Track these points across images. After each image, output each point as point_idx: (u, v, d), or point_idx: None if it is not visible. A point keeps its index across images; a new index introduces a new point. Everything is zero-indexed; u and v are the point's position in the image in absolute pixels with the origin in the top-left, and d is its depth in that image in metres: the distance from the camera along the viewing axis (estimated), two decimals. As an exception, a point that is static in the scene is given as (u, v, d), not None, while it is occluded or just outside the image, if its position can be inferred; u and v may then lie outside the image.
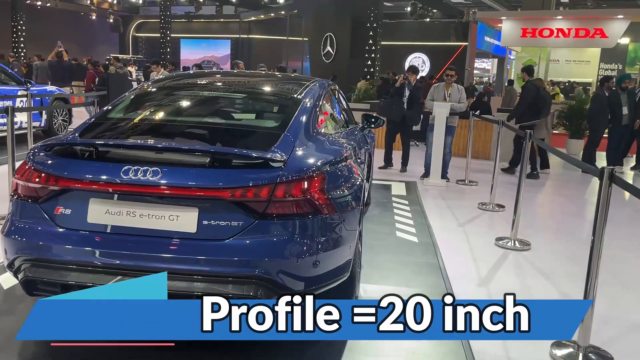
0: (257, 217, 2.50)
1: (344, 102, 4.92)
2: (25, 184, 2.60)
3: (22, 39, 26.50)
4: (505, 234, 5.13)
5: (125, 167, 2.47)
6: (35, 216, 2.58)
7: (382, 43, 21.70)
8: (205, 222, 2.48)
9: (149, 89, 3.61)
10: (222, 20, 33.16)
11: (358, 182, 3.16)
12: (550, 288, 4.03)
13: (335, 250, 2.74)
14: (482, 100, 13.52)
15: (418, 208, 6.00)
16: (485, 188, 7.01)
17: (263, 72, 4.80)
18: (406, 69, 9.40)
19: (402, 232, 5.00)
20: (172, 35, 29.74)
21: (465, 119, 8.95)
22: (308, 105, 3.35)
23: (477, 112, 10.53)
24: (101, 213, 2.52)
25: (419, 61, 28.31)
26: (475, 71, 32.63)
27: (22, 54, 25.48)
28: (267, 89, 3.71)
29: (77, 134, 2.89)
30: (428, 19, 27.48)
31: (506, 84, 12.87)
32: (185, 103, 3.47)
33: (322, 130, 3.42)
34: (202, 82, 3.91)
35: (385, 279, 3.78)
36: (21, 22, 26.32)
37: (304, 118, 3.17)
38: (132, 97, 3.44)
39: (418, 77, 9.33)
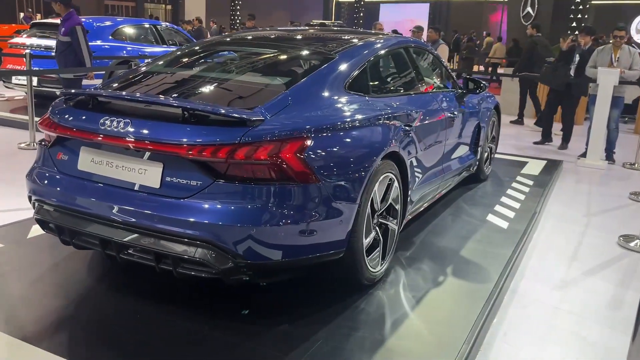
0: (215, 178, 2.36)
1: (434, 64, 4.39)
2: (43, 130, 2.82)
3: (238, 7, 29.16)
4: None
5: (104, 118, 2.52)
6: (45, 160, 2.80)
7: (595, 2, 18.94)
8: (168, 179, 2.43)
9: (192, 47, 3.63)
10: (423, -18, 32.23)
11: (371, 152, 2.79)
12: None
13: (311, 224, 2.47)
14: None
15: (541, 191, 5.15)
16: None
17: (332, 29, 4.41)
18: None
19: (497, 215, 4.34)
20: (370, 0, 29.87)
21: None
22: (339, 62, 3.04)
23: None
24: (88, 161, 2.63)
25: (649, 23, 24.04)
26: None
27: (238, 21, 28.07)
28: (304, 46, 3.43)
29: (100, 85, 3.05)
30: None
31: None
32: (206, 58, 3.41)
33: (367, 91, 3.09)
34: (242, 38, 3.79)
35: (426, 265, 3.32)
36: (238, -10, 28.91)
37: (322, 76, 2.89)
38: (174, 53, 3.50)
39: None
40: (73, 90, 2.78)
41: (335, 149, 2.61)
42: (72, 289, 2.85)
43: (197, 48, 3.64)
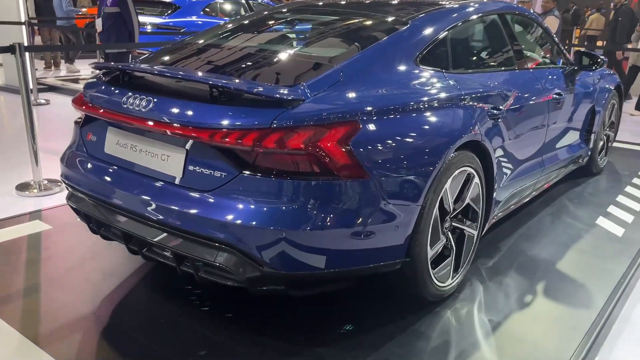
0: (242, 169, 1.96)
1: (540, 36, 3.67)
2: (75, 108, 2.58)
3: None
4: None
5: (127, 95, 2.21)
6: (78, 142, 2.55)
7: None
8: (191, 168, 2.07)
9: (249, 17, 3.23)
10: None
11: (442, 141, 2.25)
12: None
13: (357, 229, 2.01)
14: None
15: (669, 189, 4.26)
16: None
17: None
18: None
19: (609, 219, 3.58)
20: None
21: None
22: (411, 31, 2.52)
23: None
24: (113, 144, 2.34)
25: None
26: None
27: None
28: (374, 12, 2.87)
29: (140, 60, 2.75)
30: None
31: None
32: (259, 29, 2.98)
33: (446, 66, 2.56)
34: (305, 5, 3.29)
35: (512, 279, 2.72)
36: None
37: (387, 47, 2.39)
38: (228, 23, 3.13)
39: None
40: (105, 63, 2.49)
41: (393, 137, 2.11)
42: (102, 282, 2.61)
43: (252, 18, 3.23)
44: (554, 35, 3.87)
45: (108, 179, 2.30)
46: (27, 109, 3.94)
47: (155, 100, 2.11)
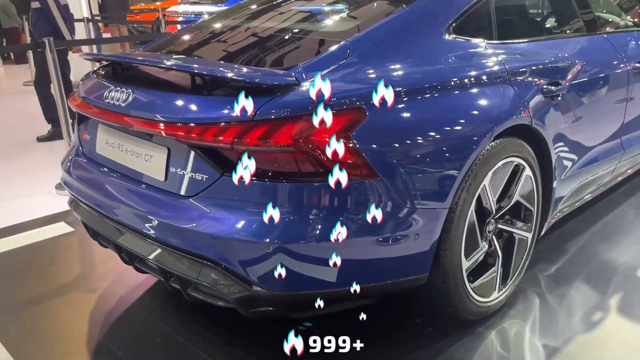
0: (224, 171, 1.66)
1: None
2: (70, 105, 2.38)
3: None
4: None
5: (110, 88, 1.96)
6: (76, 142, 2.36)
7: None
8: (173, 170, 1.79)
9: None
10: None
11: (476, 126, 1.83)
12: None
13: (364, 240, 1.65)
14: None
15: None
16: None
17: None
18: None
19: None
20: None
21: None
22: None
23: None
24: (103, 143, 2.11)
25: None
26: None
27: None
28: None
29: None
30: None
31: None
32: (263, 7, 2.59)
33: (489, 35, 2.12)
34: None
35: (580, 292, 2.23)
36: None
37: (410, 16, 1.99)
38: (239, 5, 2.79)
39: None
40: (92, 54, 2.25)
41: (410, 125, 1.71)
42: (108, 291, 2.42)
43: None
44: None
45: (97, 182, 2.08)
46: (62, 105, 3.85)
47: (133, 92, 1.85)
